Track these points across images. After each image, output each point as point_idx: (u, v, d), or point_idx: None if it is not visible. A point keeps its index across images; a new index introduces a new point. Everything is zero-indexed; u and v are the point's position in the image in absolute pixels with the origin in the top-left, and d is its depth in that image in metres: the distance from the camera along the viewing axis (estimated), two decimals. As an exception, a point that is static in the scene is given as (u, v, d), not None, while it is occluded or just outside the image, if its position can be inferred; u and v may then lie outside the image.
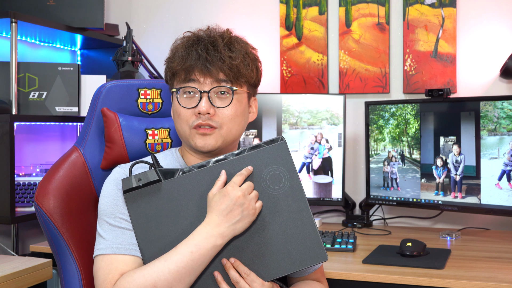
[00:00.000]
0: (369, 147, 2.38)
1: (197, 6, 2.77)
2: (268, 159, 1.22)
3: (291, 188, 1.21)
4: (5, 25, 2.23)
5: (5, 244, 2.28)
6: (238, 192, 1.17)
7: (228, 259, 1.19)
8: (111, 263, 1.20)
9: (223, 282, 1.19)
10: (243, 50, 1.30)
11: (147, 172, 1.22)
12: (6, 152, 2.09)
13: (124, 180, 1.22)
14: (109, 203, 1.25)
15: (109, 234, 1.23)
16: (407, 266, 1.75)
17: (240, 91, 1.30)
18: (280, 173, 1.21)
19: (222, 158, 1.23)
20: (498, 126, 2.04)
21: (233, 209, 1.16)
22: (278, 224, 1.20)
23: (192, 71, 1.27)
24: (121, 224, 1.23)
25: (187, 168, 1.23)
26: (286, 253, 1.19)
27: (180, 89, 1.29)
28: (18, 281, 1.77)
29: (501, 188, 2.03)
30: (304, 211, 1.20)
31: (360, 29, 2.52)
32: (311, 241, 1.20)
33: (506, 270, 1.69)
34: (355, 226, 2.38)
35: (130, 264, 1.20)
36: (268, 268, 1.19)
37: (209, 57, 1.25)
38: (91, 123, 1.45)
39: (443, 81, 2.42)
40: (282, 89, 2.62)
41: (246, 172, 1.21)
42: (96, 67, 2.84)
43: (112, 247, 1.21)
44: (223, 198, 1.17)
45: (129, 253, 1.21)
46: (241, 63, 1.27)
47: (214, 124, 1.27)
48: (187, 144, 1.33)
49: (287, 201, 1.21)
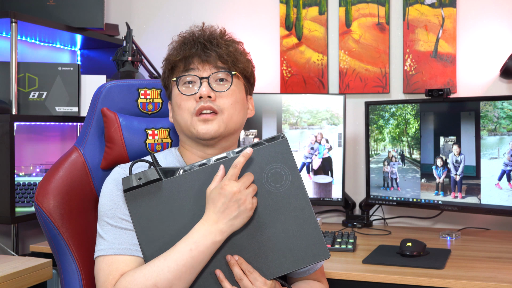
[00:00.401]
0: (369, 147, 2.38)
1: (197, 6, 2.77)
2: (269, 156, 1.21)
3: (292, 186, 1.21)
4: (5, 25, 2.23)
5: (5, 244, 2.28)
6: (233, 188, 1.16)
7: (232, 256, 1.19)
8: (111, 264, 1.20)
9: (225, 280, 1.18)
10: (238, 46, 1.35)
11: (147, 171, 1.21)
12: (6, 152, 2.09)
13: (124, 179, 1.22)
14: (109, 203, 1.25)
15: (109, 235, 1.22)
16: (407, 266, 1.75)
17: (238, 78, 1.32)
18: (282, 170, 1.21)
19: (222, 156, 1.23)
20: (498, 126, 2.04)
21: (229, 205, 1.16)
22: (280, 222, 1.20)
23: (191, 60, 1.29)
24: (122, 225, 1.23)
25: (188, 166, 1.22)
26: (288, 251, 1.19)
27: (180, 78, 1.30)
28: (18, 281, 1.77)
29: (501, 188, 2.03)
30: (306, 209, 1.20)
31: (360, 29, 2.52)
32: (313, 239, 1.19)
33: (506, 270, 1.69)
34: (355, 226, 2.38)
35: (131, 265, 1.20)
36: (270, 267, 1.19)
37: (207, 44, 1.29)
38: (91, 123, 1.45)
39: (443, 81, 2.42)
40: (282, 89, 2.62)
41: (243, 159, 1.18)
42: (96, 67, 2.84)
43: (112, 248, 1.21)
44: (219, 194, 1.16)
45: (130, 254, 1.20)
46: (236, 51, 1.32)
47: (216, 108, 1.27)
48: (188, 136, 1.32)
49: (289, 199, 1.20)
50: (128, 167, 1.29)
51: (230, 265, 1.18)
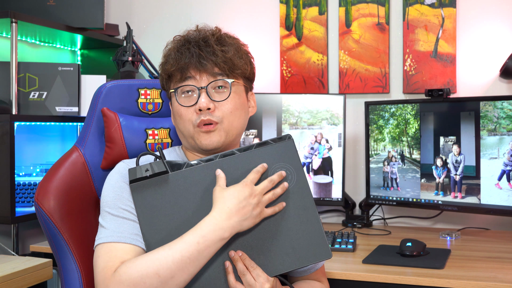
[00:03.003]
0: (369, 147, 2.38)
1: (197, 6, 2.77)
2: (276, 156, 1.23)
3: (297, 185, 1.23)
4: (5, 25, 2.23)
5: (5, 244, 2.28)
6: (253, 190, 1.17)
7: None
8: (111, 251, 1.18)
9: (232, 272, 1.18)
10: (235, 44, 1.31)
11: (154, 164, 1.22)
12: (6, 152, 2.09)
13: (131, 170, 1.22)
14: (112, 194, 1.24)
15: (110, 224, 1.21)
16: (407, 266, 1.75)
17: (237, 84, 1.31)
18: (287, 170, 1.23)
19: (229, 153, 1.23)
20: (498, 126, 2.04)
21: (246, 205, 1.16)
22: (284, 221, 1.21)
23: (187, 69, 1.27)
24: (123, 215, 1.22)
25: (195, 161, 1.23)
26: (291, 250, 1.20)
27: (178, 89, 1.29)
28: (18, 281, 1.77)
29: (501, 188, 2.03)
30: (310, 208, 1.22)
31: (360, 29, 2.53)
32: (316, 238, 1.21)
33: (506, 270, 1.69)
34: (355, 226, 2.38)
35: (131, 253, 1.17)
36: (272, 264, 1.20)
37: (202, 53, 1.26)
38: (91, 123, 1.46)
39: (443, 81, 2.42)
40: (282, 89, 2.62)
41: (262, 169, 1.21)
42: (96, 67, 2.84)
43: (112, 236, 1.19)
44: (240, 191, 1.17)
45: (130, 242, 1.18)
46: (234, 55, 1.29)
47: (215, 119, 1.27)
48: (190, 145, 1.32)
49: (294, 198, 1.22)
50: (131, 162, 1.29)
51: (233, 261, 1.18)
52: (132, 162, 1.30)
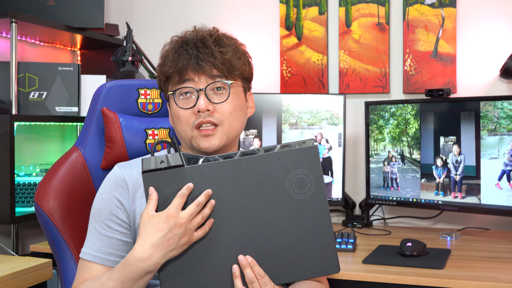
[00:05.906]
0: (369, 147, 2.38)
1: (197, 6, 2.77)
2: (297, 161, 1.15)
3: (315, 195, 1.16)
4: (5, 25, 2.23)
5: (5, 244, 2.28)
6: (179, 220, 1.10)
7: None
8: (81, 268, 1.26)
9: (239, 277, 1.15)
10: (233, 44, 1.30)
11: (170, 156, 1.16)
12: (6, 152, 2.09)
13: (145, 160, 1.16)
14: (99, 206, 1.27)
15: (91, 238, 1.26)
16: (407, 266, 1.75)
17: (235, 85, 1.30)
18: (307, 177, 1.16)
19: (250, 151, 1.18)
20: (498, 126, 2.04)
21: (171, 237, 1.10)
22: (297, 230, 1.17)
23: (186, 71, 1.26)
24: (104, 231, 1.25)
25: (212, 157, 1.18)
26: (300, 260, 1.17)
27: (176, 91, 1.28)
28: (18, 281, 1.77)
29: (501, 188, 2.03)
30: (324, 220, 1.17)
31: (360, 29, 2.52)
32: (327, 251, 1.18)
33: (506, 270, 1.69)
34: (355, 226, 2.38)
35: (95, 273, 1.23)
36: (280, 272, 1.17)
37: (200, 54, 1.25)
38: (91, 123, 1.46)
39: (443, 81, 2.42)
40: (282, 89, 2.62)
41: (187, 191, 1.12)
42: (96, 67, 2.84)
43: (85, 253, 1.25)
44: (161, 223, 1.10)
45: (99, 262, 1.24)
46: (232, 56, 1.27)
47: (215, 121, 1.26)
48: (189, 146, 1.32)
49: (310, 208, 1.17)
50: (127, 165, 1.29)
51: (242, 266, 1.15)
52: (127, 165, 1.29)
